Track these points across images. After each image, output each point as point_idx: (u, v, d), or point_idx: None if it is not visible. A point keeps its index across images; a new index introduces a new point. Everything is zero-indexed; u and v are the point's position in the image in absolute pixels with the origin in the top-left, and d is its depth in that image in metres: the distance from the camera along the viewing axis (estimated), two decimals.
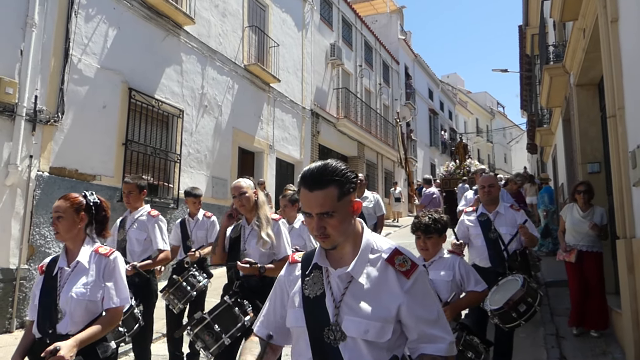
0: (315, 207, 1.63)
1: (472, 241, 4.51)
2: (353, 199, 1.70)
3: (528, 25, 16.90)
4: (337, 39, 19.05)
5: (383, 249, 1.74)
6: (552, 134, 14.18)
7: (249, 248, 3.64)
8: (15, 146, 6.94)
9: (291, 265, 1.89)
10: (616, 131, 4.83)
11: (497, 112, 51.24)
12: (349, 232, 1.71)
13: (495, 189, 4.53)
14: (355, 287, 1.68)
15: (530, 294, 3.84)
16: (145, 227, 4.54)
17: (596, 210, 5.77)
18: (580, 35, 6.67)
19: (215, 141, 11.53)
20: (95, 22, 8.43)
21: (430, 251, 3.30)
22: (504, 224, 4.42)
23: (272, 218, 3.75)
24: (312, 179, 1.65)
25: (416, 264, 1.70)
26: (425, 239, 3.27)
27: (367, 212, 7.06)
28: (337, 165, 1.68)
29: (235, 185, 3.75)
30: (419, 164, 28.59)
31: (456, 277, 3.27)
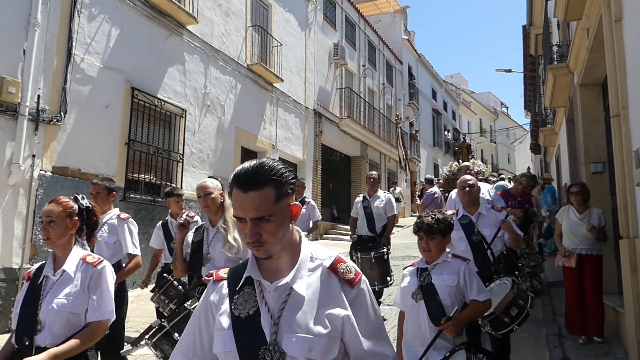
0: (250, 210, 1.45)
1: (455, 246, 4.27)
2: (291, 202, 1.53)
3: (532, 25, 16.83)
4: (340, 39, 19.04)
5: (323, 257, 1.59)
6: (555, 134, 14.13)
7: (213, 252, 3.45)
8: (18, 145, 6.96)
9: (216, 284, 1.66)
10: (620, 131, 4.80)
11: (501, 112, 51.15)
12: (287, 240, 1.54)
13: (476, 189, 4.36)
14: (295, 300, 1.50)
15: (521, 296, 3.69)
16: (114, 230, 4.36)
17: (593, 211, 5.62)
18: (584, 34, 6.64)
19: (218, 141, 11.54)
20: (98, 22, 8.45)
21: (433, 253, 3.11)
22: (487, 225, 4.25)
23: None
24: (247, 178, 1.47)
25: (359, 272, 1.58)
26: (428, 240, 3.08)
27: (377, 212, 6.97)
28: (274, 164, 1.53)
29: (201, 185, 3.58)
30: (422, 164, 28.56)
31: (460, 283, 3.08)
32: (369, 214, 7.03)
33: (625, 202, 4.72)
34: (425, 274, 3.10)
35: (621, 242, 4.83)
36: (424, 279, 3.08)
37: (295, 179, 1.57)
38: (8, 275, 6.76)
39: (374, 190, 7.21)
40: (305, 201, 7.56)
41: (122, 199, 8.54)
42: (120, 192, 8.59)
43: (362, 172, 20.09)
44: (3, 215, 6.80)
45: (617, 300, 5.57)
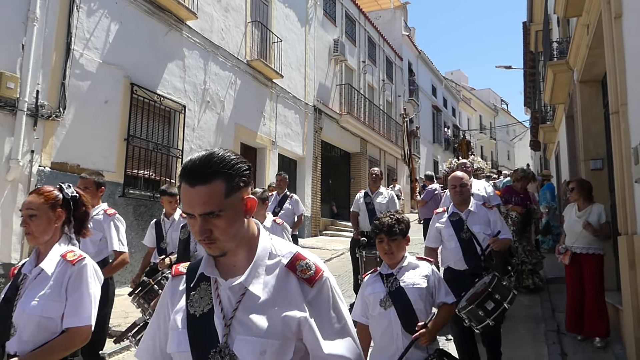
0: (198, 205, 1.36)
1: (445, 243, 4.28)
2: (245, 195, 1.44)
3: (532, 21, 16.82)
4: (340, 35, 19.01)
5: (283, 254, 1.50)
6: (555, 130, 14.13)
7: (200, 250, 3.32)
8: (17, 141, 6.95)
9: (175, 279, 1.57)
10: (619, 127, 4.81)
11: (501, 109, 51.12)
12: (242, 236, 1.45)
13: (467, 188, 4.29)
14: (250, 300, 1.41)
15: (500, 291, 3.60)
16: (100, 226, 4.19)
17: (594, 208, 5.41)
18: (584, 31, 6.63)
19: (218, 137, 11.53)
20: (97, 17, 8.43)
21: (395, 254, 2.96)
22: (477, 223, 4.20)
23: None
24: (194, 171, 1.37)
25: (321, 269, 1.47)
26: (389, 242, 2.93)
27: (379, 208, 6.94)
28: (225, 155, 1.42)
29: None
30: (422, 160, 28.56)
31: (430, 285, 2.96)
32: (371, 209, 7.01)
33: (624, 198, 4.72)
34: (391, 279, 2.95)
35: (619, 239, 4.84)
36: (392, 284, 2.92)
37: (248, 170, 1.46)
38: (7, 271, 6.76)
39: (376, 186, 7.21)
40: (288, 195, 7.57)
41: (121, 194, 8.54)
42: (120, 188, 8.59)
43: (362, 169, 20.10)
44: (2, 211, 6.80)
45: (616, 297, 5.58)
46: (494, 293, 3.57)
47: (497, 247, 4.07)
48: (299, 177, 15.76)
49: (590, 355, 5.05)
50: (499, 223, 4.30)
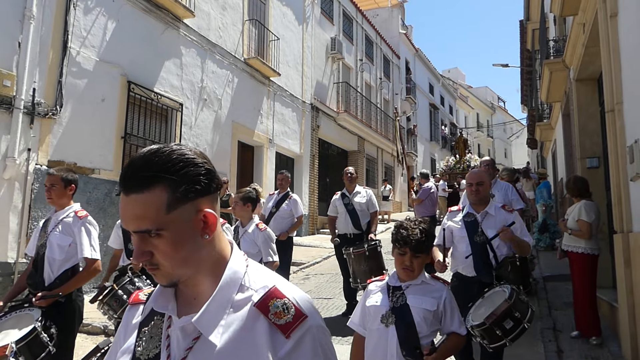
0: (131, 220, 1.05)
1: (456, 245, 3.91)
2: (203, 207, 1.09)
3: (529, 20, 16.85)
4: (337, 33, 19.00)
5: (256, 287, 1.11)
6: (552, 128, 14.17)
7: None
8: (13, 139, 6.94)
9: (132, 308, 1.26)
10: (614, 126, 4.83)
11: (498, 107, 51.19)
12: (200, 261, 1.10)
13: (485, 187, 3.88)
14: (203, 349, 1.06)
15: (519, 308, 3.27)
16: (69, 230, 3.70)
17: (578, 205, 5.45)
18: (580, 30, 6.66)
19: (215, 135, 11.52)
20: (94, 15, 8.41)
21: (415, 272, 2.60)
22: (493, 227, 3.78)
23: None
24: (129, 175, 1.05)
25: (304, 314, 1.07)
26: (413, 258, 2.55)
27: (359, 208, 6.79)
28: (173, 153, 1.07)
29: None
30: (419, 158, 28.60)
31: (439, 309, 2.59)
32: (351, 210, 6.80)
33: (619, 196, 4.75)
34: (398, 293, 2.60)
35: (615, 237, 4.87)
36: (398, 300, 2.58)
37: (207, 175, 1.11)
38: (4, 270, 6.76)
39: (352, 186, 6.99)
40: (289, 195, 7.26)
41: (118, 193, 8.49)
42: (117, 187, 8.58)
43: (360, 167, 20.12)
44: None
45: (612, 295, 5.61)
46: (514, 310, 3.24)
47: (505, 238, 3.69)
48: (296, 175, 15.76)
49: (586, 353, 5.08)
50: (518, 228, 3.85)
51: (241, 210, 4.70)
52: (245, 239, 4.61)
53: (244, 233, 4.67)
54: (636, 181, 4.34)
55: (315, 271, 10.09)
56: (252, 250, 4.51)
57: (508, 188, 6.15)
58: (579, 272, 5.38)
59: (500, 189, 6.02)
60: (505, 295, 3.32)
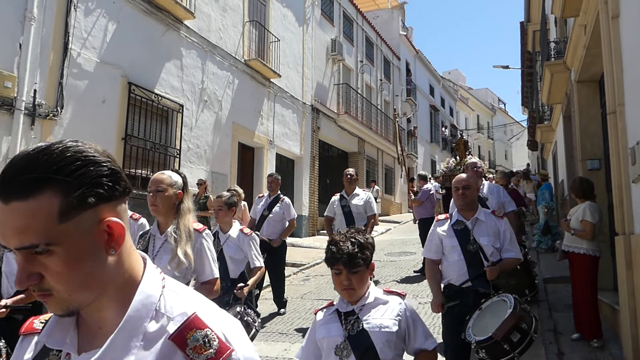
0: (12, 235, 0.83)
1: (447, 255, 3.67)
2: (107, 215, 0.89)
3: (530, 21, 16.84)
4: (338, 35, 19.01)
5: (173, 314, 0.91)
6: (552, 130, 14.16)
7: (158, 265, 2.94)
8: (14, 140, 6.94)
9: (25, 340, 1.02)
10: (616, 127, 4.82)
11: (498, 109, 51.20)
12: (106, 282, 0.89)
13: (472, 191, 3.67)
14: None
15: (525, 319, 3.11)
16: None
17: (582, 206, 5.40)
18: (582, 31, 6.65)
19: (215, 136, 11.52)
20: (94, 16, 8.41)
21: (356, 290, 2.24)
22: (485, 234, 3.60)
23: (195, 229, 2.89)
24: (9, 178, 0.83)
25: (230, 347, 0.89)
26: (349, 275, 2.20)
27: (356, 211, 6.59)
28: (66, 150, 0.86)
29: (155, 177, 2.91)
30: (420, 160, 28.58)
31: (401, 328, 2.26)
32: (347, 212, 6.62)
33: (621, 198, 4.73)
34: (352, 318, 2.26)
35: (617, 239, 4.85)
36: (353, 326, 2.24)
37: (111, 176, 0.90)
38: None
39: (351, 188, 6.83)
40: (280, 198, 7.01)
41: None
42: None
43: (360, 168, 20.10)
44: None
45: (613, 297, 5.59)
46: (521, 322, 3.07)
47: (491, 278, 3.45)
48: (297, 176, 15.76)
49: (587, 356, 5.06)
50: (508, 236, 3.68)
51: (226, 216, 4.45)
52: (230, 245, 4.41)
53: (227, 238, 4.45)
54: (638, 183, 4.32)
55: (316, 272, 10.08)
56: (237, 256, 4.35)
57: (499, 190, 6.01)
58: (580, 274, 5.35)
59: (493, 191, 5.88)
60: (509, 306, 3.13)
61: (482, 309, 3.31)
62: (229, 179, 11.83)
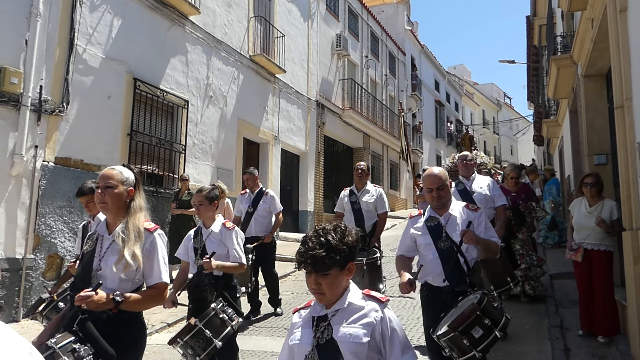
0: None
1: (422, 254, 3.51)
2: None
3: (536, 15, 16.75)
4: (343, 30, 18.95)
5: None
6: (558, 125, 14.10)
7: (104, 268, 2.57)
8: (21, 136, 6.96)
9: None
10: (623, 122, 4.79)
11: (504, 104, 51.01)
12: None
13: (446, 189, 3.44)
14: None
15: (490, 315, 2.93)
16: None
17: (605, 203, 5.26)
18: (589, 25, 6.60)
19: (220, 132, 11.52)
20: (100, 12, 8.42)
21: (327, 295, 2.01)
22: (459, 229, 3.40)
23: (146, 228, 2.67)
24: None
25: None
26: (318, 278, 1.98)
27: (366, 208, 6.20)
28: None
29: (104, 173, 2.69)
30: (425, 155, 28.53)
31: (376, 338, 2.01)
32: (357, 209, 6.22)
33: (628, 194, 4.71)
34: (323, 325, 2.04)
35: (624, 234, 4.83)
36: (322, 334, 2.03)
37: None
38: (12, 266, 6.79)
39: (362, 183, 6.39)
40: (263, 192, 6.81)
41: None
42: None
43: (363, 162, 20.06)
44: (6, 206, 6.82)
45: (621, 293, 5.57)
46: (483, 317, 2.91)
47: (468, 241, 3.27)
48: (302, 172, 15.76)
49: (594, 351, 5.05)
50: (482, 226, 3.48)
51: (208, 211, 4.22)
52: (212, 240, 4.15)
53: (210, 234, 4.18)
54: None
55: None
56: (220, 252, 4.07)
57: (491, 184, 5.65)
58: (603, 271, 5.18)
59: (482, 185, 5.54)
60: (475, 300, 2.98)
61: (458, 307, 3.14)
62: (234, 174, 11.84)
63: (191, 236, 4.27)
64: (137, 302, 2.54)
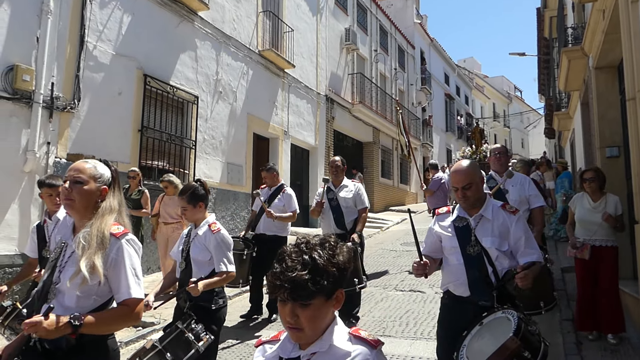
0: None
1: (447, 257, 3.08)
2: None
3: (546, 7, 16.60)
4: (352, 24, 18.90)
5: None
6: (570, 118, 13.99)
7: (63, 281, 2.15)
8: (33, 133, 7.04)
9: None
10: (636, 114, 4.75)
11: (514, 97, 50.64)
12: None
13: (475, 187, 2.97)
14: None
15: (529, 345, 2.48)
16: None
17: (609, 199, 5.10)
18: (600, 16, 6.54)
19: (230, 127, 11.56)
20: (109, 9, 8.46)
21: (306, 332, 1.49)
22: (490, 234, 2.93)
23: (112, 233, 2.19)
24: None
25: None
26: (296, 309, 1.46)
27: (345, 204, 5.98)
28: None
29: (74, 166, 2.32)
30: (435, 149, 28.43)
31: None
32: (335, 206, 6.00)
33: None
34: None
35: (636, 227, 4.81)
36: None
37: None
38: (25, 261, 6.86)
39: (338, 179, 6.13)
40: (282, 189, 6.52)
41: None
42: None
43: (375, 158, 20.09)
44: (20, 202, 6.90)
45: (632, 286, 5.54)
46: (523, 350, 2.44)
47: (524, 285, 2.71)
48: (312, 166, 15.78)
49: (606, 345, 5.03)
50: (522, 236, 2.95)
51: (195, 214, 3.75)
52: (196, 244, 3.69)
53: (195, 236, 3.74)
54: None
55: None
56: (202, 258, 3.63)
57: (525, 181, 5.11)
58: (611, 267, 5.03)
59: (516, 183, 5.02)
60: (511, 328, 2.50)
61: (483, 324, 2.72)
62: (244, 169, 11.88)
63: (184, 235, 3.91)
64: (101, 324, 2.09)
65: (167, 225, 7.46)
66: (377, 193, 19.83)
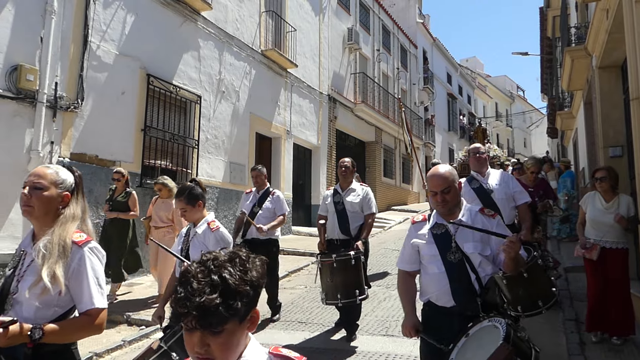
0: None
1: (426, 266, 2.92)
2: None
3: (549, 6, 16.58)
4: (354, 23, 18.90)
5: None
6: (573, 117, 13.97)
7: (21, 289, 2.08)
8: (37, 132, 7.06)
9: None
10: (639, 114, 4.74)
11: (517, 96, 50.59)
12: None
13: (454, 192, 2.84)
14: None
15: (520, 351, 2.39)
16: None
17: (621, 199, 4.93)
18: (604, 16, 6.53)
19: (233, 127, 11.58)
20: (113, 9, 8.48)
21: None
22: (471, 239, 2.81)
23: (74, 241, 2.12)
24: None
25: None
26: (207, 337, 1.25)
27: (351, 209, 5.63)
28: None
29: (35, 171, 2.25)
30: (437, 148, 28.42)
31: None
32: (340, 210, 5.64)
33: None
34: None
35: None
36: None
37: None
38: None
39: (347, 181, 5.82)
40: (270, 192, 6.34)
41: (139, 184, 8.64)
42: (137, 178, 8.69)
43: (377, 158, 20.09)
44: None
45: (636, 287, 5.53)
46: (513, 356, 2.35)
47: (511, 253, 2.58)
48: (314, 166, 15.79)
49: (609, 345, 5.02)
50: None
51: (194, 214, 3.76)
52: (195, 243, 3.70)
53: (194, 235, 3.75)
54: None
55: None
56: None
57: (509, 179, 5.01)
58: (622, 269, 4.92)
59: (500, 181, 4.89)
60: (499, 336, 2.39)
61: (470, 335, 2.59)
62: (247, 169, 11.90)
63: (182, 234, 3.88)
64: (62, 333, 2.02)
65: (157, 229, 7.00)
66: (380, 193, 19.83)
